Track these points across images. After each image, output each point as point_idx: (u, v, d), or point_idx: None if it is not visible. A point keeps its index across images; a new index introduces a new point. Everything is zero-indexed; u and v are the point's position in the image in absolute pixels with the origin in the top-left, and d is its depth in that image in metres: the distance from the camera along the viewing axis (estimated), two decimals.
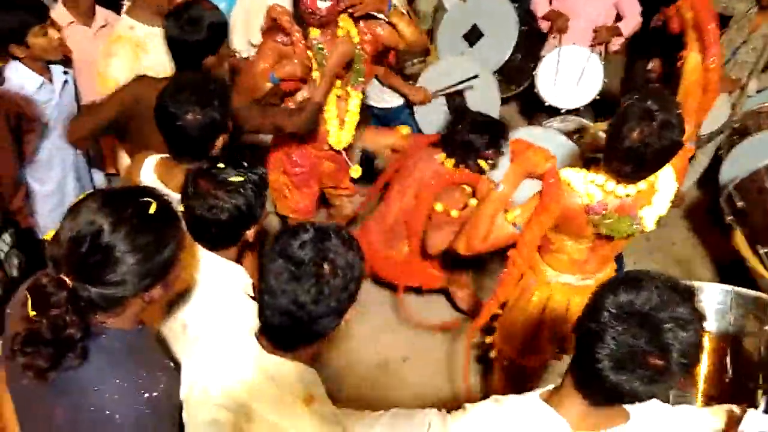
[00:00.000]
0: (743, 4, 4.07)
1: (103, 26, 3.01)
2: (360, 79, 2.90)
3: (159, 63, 2.55)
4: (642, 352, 1.18)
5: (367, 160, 3.57)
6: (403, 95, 3.78)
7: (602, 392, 1.27)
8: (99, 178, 3.05)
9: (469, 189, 3.00)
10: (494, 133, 2.95)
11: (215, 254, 1.81)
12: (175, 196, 1.78)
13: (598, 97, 4.08)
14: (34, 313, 1.22)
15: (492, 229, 2.16)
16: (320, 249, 1.30)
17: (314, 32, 2.73)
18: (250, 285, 1.87)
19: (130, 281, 1.28)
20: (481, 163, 2.95)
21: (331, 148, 3.03)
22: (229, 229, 1.77)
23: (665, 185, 2.16)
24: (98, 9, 3.04)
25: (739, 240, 3.26)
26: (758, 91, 4.10)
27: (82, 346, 1.27)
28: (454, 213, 2.91)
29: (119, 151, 2.97)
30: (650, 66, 3.42)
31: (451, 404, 1.61)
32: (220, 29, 2.49)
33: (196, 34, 2.40)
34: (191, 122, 1.98)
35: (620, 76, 5.33)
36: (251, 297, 1.83)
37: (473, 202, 2.96)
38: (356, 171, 3.18)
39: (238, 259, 1.91)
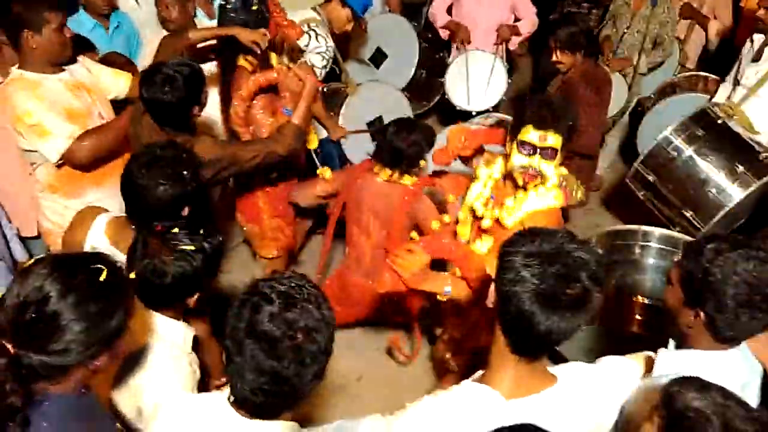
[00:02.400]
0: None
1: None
2: None
3: (55, 96, 2.52)
4: (561, 282, 1.25)
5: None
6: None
7: (534, 339, 1.31)
8: (18, 252, 2.92)
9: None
10: (423, 127, 2.99)
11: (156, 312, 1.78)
12: (123, 258, 1.74)
13: (504, 98, 4.30)
14: None
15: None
16: (290, 320, 1.22)
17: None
18: (191, 339, 1.85)
19: (75, 350, 1.23)
20: (421, 161, 2.96)
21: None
22: (171, 292, 1.75)
23: None
24: None
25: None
26: (649, 69, 4.38)
27: (23, 415, 1.20)
28: (446, 218, 2.89)
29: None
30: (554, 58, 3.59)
31: None
32: (196, 79, 2.46)
33: (176, 92, 2.35)
34: (163, 195, 1.92)
35: (529, 76, 5.63)
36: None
37: (451, 198, 2.91)
38: (326, 171, 3.10)
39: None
